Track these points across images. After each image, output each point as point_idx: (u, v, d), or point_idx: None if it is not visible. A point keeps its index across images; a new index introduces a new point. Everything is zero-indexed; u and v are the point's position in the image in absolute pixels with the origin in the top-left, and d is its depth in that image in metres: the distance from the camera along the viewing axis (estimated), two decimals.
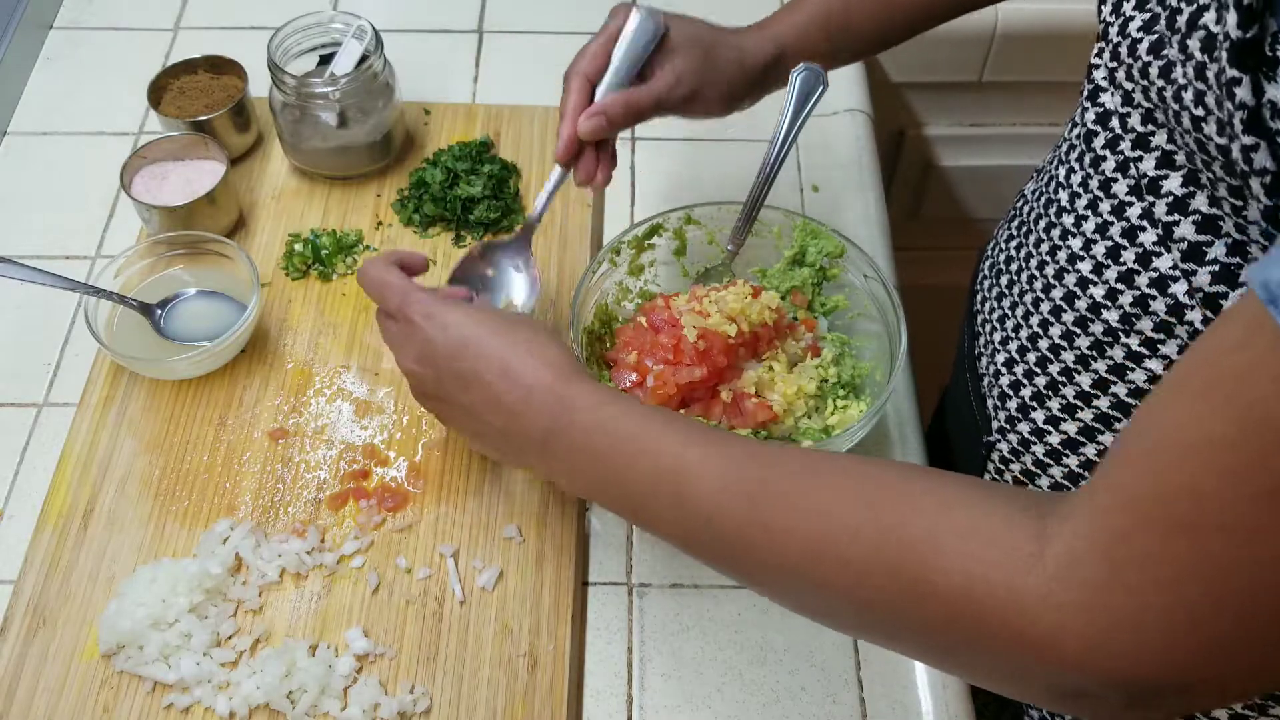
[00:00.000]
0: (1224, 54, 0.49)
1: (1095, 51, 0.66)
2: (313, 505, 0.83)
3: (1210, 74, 0.51)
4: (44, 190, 1.05)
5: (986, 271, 0.85)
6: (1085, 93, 0.68)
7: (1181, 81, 0.54)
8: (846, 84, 1.14)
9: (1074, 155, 0.70)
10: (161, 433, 0.87)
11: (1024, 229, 0.78)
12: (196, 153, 0.99)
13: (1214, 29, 0.51)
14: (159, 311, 0.90)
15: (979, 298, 0.86)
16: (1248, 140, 0.48)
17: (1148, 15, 0.58)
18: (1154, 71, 0.58)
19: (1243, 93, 0.48)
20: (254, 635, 0.77)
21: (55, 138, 1.10)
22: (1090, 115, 0.67)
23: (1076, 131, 0.70)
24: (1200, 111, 0.53)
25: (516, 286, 0.86)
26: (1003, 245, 0.83)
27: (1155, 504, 0.43)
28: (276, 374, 0.91)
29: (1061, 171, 0.72)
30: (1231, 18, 0.48)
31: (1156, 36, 0.57)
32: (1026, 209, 0.79)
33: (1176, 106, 0.56)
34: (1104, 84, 0.65)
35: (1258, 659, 0.43)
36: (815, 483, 0.55)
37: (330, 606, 0.79)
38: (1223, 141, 0.51)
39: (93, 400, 0.88)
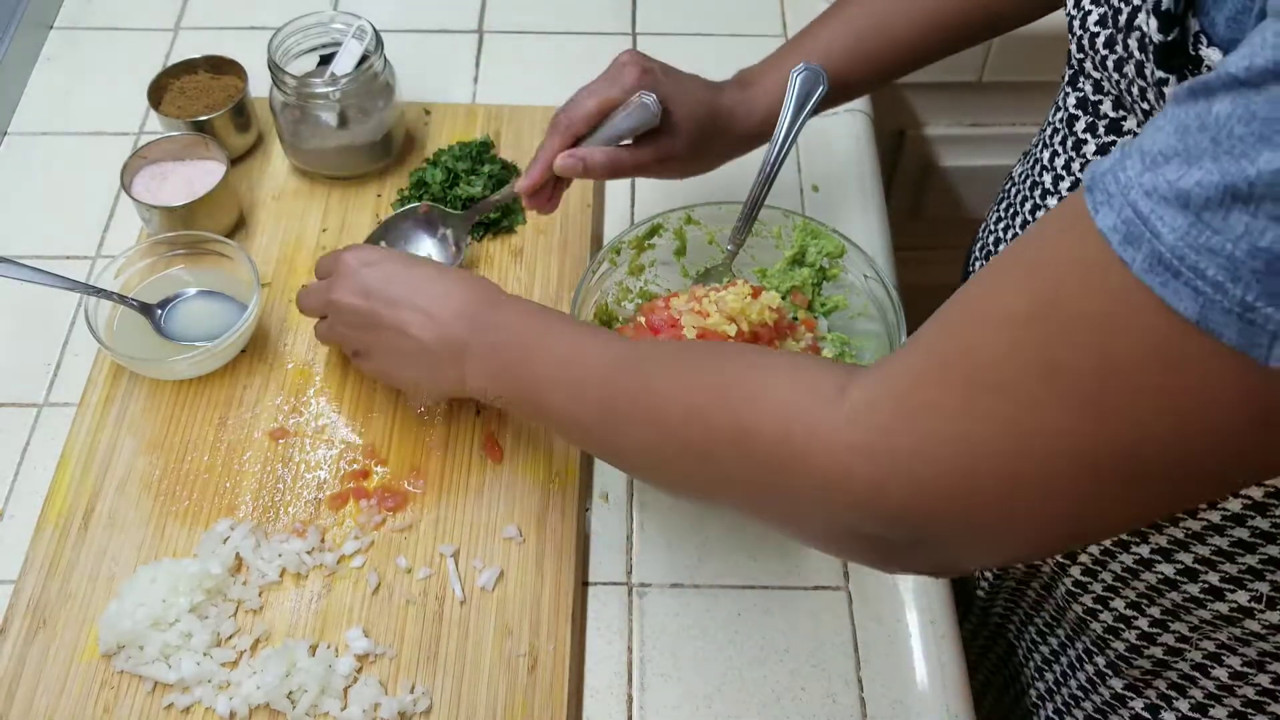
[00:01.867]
0: (1150, 56, 0.51)
1: (1073, 40, 0.67)
2: (313, 505, 0.83)
3: (1147, 72, 0.53)
4: (44, 190, 1.05)
5: (977, 253, 0.86)
6: (1066, 77, 0.69)
7: (1131, 76, 0.57)
8: None
9: (1057, 138, 0.71)
10: (162, 433, 0.87)
11: (1011, 210, 0.79)
12: (196, 153, 0.99)
13: (1145, 29, 0.52)
14: (159, 311, 0.90)
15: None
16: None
17: (1103, 9, 0.60)
18: (1110, 64, 0.60)
19: (1170, 92, 0.50)
20: (254, 635, 0.77)
21: (55, 138, 1.10)
22: (1071, 100, 0.68)
23: (1059, 115, 0.71)
24: (1146, 105, 0.55)
25: (437, 255, 0.97)
26: (991, 227, 0.84)
27: (946, 360, 0.47)
28: (277, 374, 0.91)
29: (1045, 154, 0.73)
30: (1153, 23, 0.50)
31: (1110, 32, 0.59)
32: (1014, 191, 0.80)
33: (1129, 98, 0.58)
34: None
35: (1018, 518, 0.47)
36: (679, 360, 0.61)
37: (330, 606, 0.79)
38: None
39: (93, 400, 0.88)
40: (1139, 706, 0.78)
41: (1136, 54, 0.53)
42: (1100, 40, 0.60)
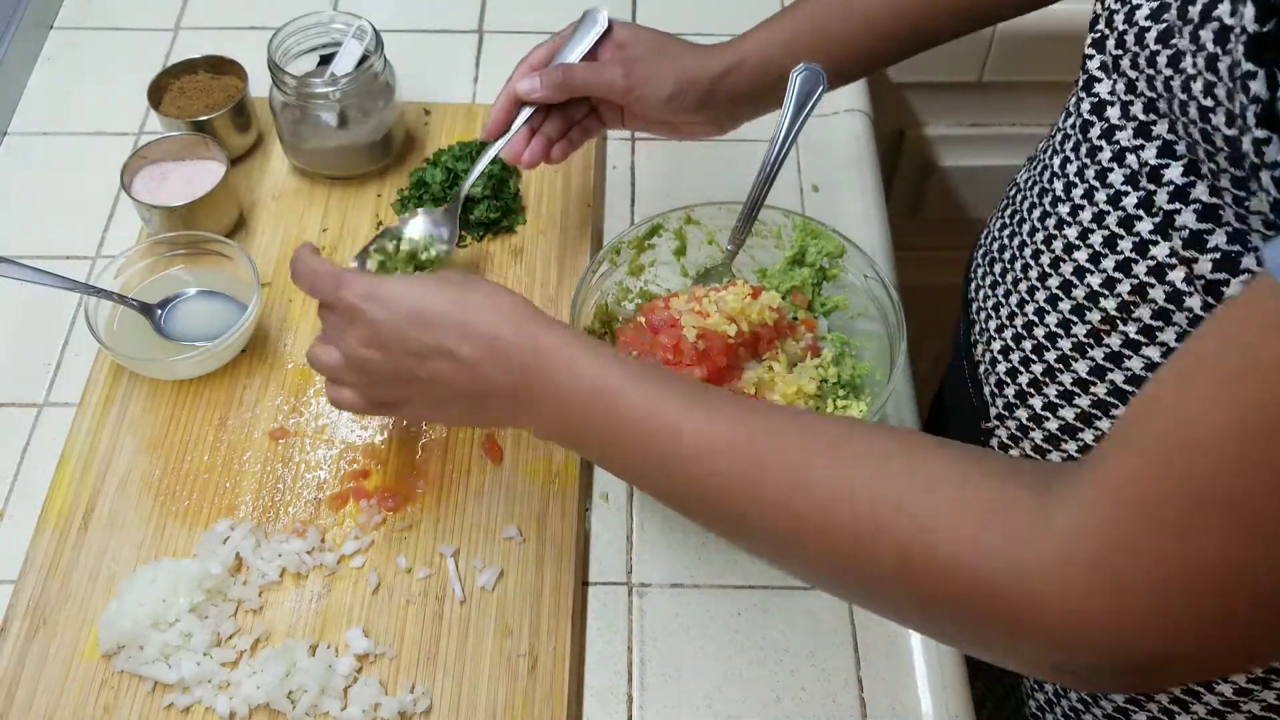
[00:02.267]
0: (1239, 47, 0.48)
1: (1090, 41, 0.66)
2: (313, 505, 0.83)
3: (1222, 66, 0.51)
4: (44, 190, 1.05)
5: (980, 259, 0.86)
6: (1080, 82, 0.68)
7: (1190, 71, 0.54)
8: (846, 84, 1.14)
9: (1069, 144, 0.70)
10: (162, 433, 0.87)
11: (1017, 217, 0.79)
12: (196, 153, 0.99)
13: (1229, 21, 0.50)
14: (159, 311, 0.90)
15: (973, 285, 0.86)
16: (1260, 134, 0.48)
17: (1155, 3, 0.58)
18: (1161, 60, 0.57)
19: (1257, 86, 0.47)
20: (254, 635, 0.77)
21: (55, 138, 1.10)
22: (1085, 105, 0.67)
23: (1071, 121, 0.70)
24: (1209, 102, 0.53)
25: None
26: (995, 233, 0.83)
27: (1157, 490, 0.43)
28: (277, 374, 0.91)
29: (1056, 161, 0.72)
30: (1249, 11, 0.47)
31: (1165, 25, 0.57)
32: (1019, 197, 0.79)
33: (1184, 96, 0.55)
34: (1099, 74, 0.65)
35: (1245, 640, 0.44)
36: (814, 451, 0.54)
37: (330, 606, 0.79)
38: (1232, 133, 0.51)
39: (93, 400, 0.88)
40: (1121, 700, 0.78)
41: (1210, 46, 0.50)
42: (1151, 35, 0.58)
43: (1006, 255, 0.79)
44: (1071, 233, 0.69)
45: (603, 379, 0.61)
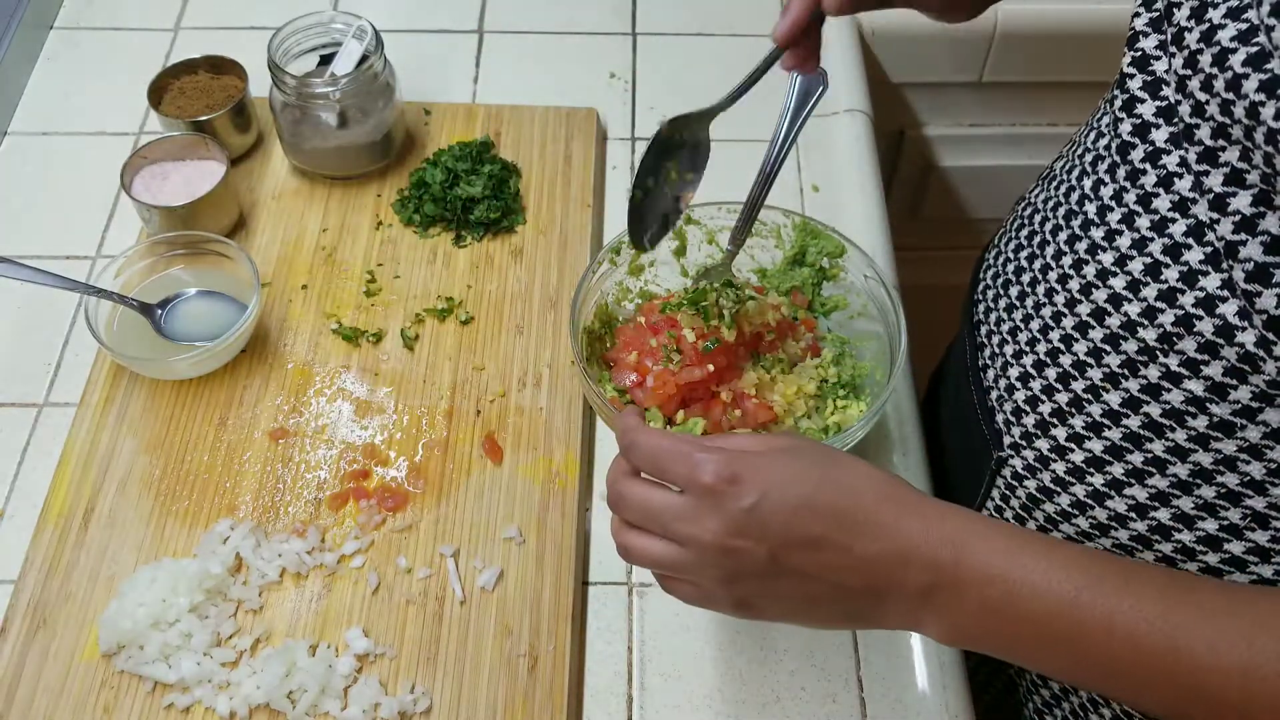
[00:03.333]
0: None
1: (1131, 60, 0.63)
2: (313, 505, 0.83)
3: None
4: (44, 190, 1.05)
5: (990, 281, 0.83)
6: (1119, 102, 0.65)
7: (1267, 119, 0.52)
8: (846, 84, 1.14)
9: (1102, 166, 0.67)
10: (162, 433, 0.87)
11: (1037, 239, 0.76)
12: (196, 153, 0.99)
13: None
14: (159, 311, 0.90)
15: (981, 308, 0.83)
16: None
17: (1244, 25, 0.54)
18: (1250, 85, 0.54)
19: None
20: (254, 635, 0.77)
21: (55, 138, 1.10)
22: (1125, 126, 0.64)
23: (1104, 142, 0.67)
24: None
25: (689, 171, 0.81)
26: (1010, 255, 0.80)
27: None
28: (277, 374, 0.91)
29: (1087, 183, 0.69)
30: None
31: (1257, 49, 0.53)
32: (1038, 219, 0.76)
33: (1274, 124, 0.52)
34: (1142, 94, 0.62)
35: None
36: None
37: (330, 606, 0.79)
38: None
39: (93, 400, 0.88)
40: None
41: None
42: (1237, 58, 0.54)
43: (1025, 279, 0.76)
44: (1107, 258, 0.66)
45: (1051, 591, 0.55)
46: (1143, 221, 0.63)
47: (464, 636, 0.78)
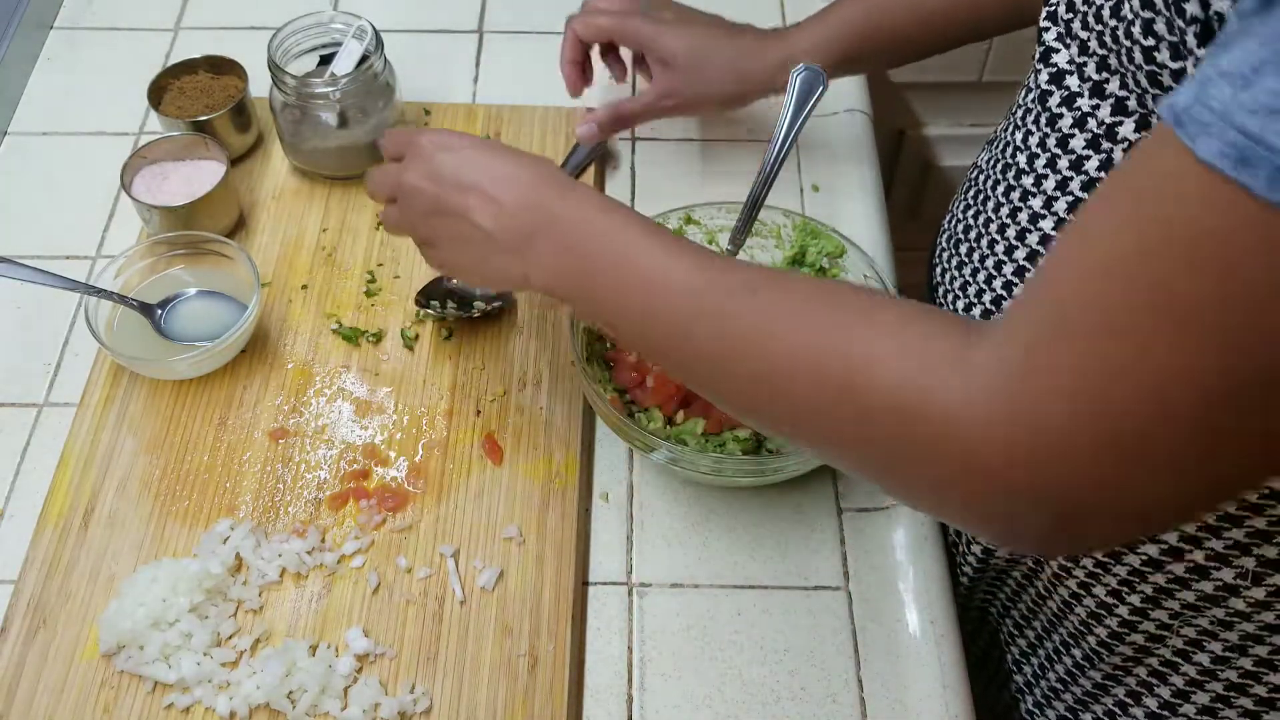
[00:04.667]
0: None
1: (1044, 15, 0.68)
2: (313, 505, 0.83)
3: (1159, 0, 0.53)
4: (44, 190, 1.05)
5: (944, 244, 0.87)
6: (1037, 55, 0.70)
7: (1130, 16, 0.57)
8: (846, 84, 1.14)
9: (1030, 118, 0.72)
10: (162, 433, 0.87)
11: (980, 196, 0.79)
12: (197, 153, 0.99)
13: None
14: (159, 311, 0.90)
15: (938, 270, 0.87)
16: (1201, 52, 0.50)
17: None
18: (1106, 12, 0.60)
19: (1192, 7, 0.50)
20: (254, 635, 0.77)
21: (55, 138, 1.10)
22: (1044, 76, 0.69)
23: (1030, 96, 0.72)
24: (1150, 41, 0.55)
25: None
26: (960, 215, 0.83)
27: (1068, 314, 0.45)
28: (277, 374, 0.91)
29: (1018, 136, 0.74)
30: None
31: None
32: (982, 178, 0.80)
33: (1128, 43, 0.58)
34: (1055, 44, 0.67)
35: (1159, 470, 0.45)
36: (777, 304, 0.57)
37: (330, 606, 0.79)
38: (1178, 66, 0.53)
39: (93, 400, 0.88)
40: (1121, 693, 0.78)
41: None
42: None
43: (972, 234, 0.80)
44: (1036, 203, 0.70)
45: (613, 234, 0.65)
46: (1063, 163, 0.68)
47: (464, 636, 0.78)
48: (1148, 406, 0.43)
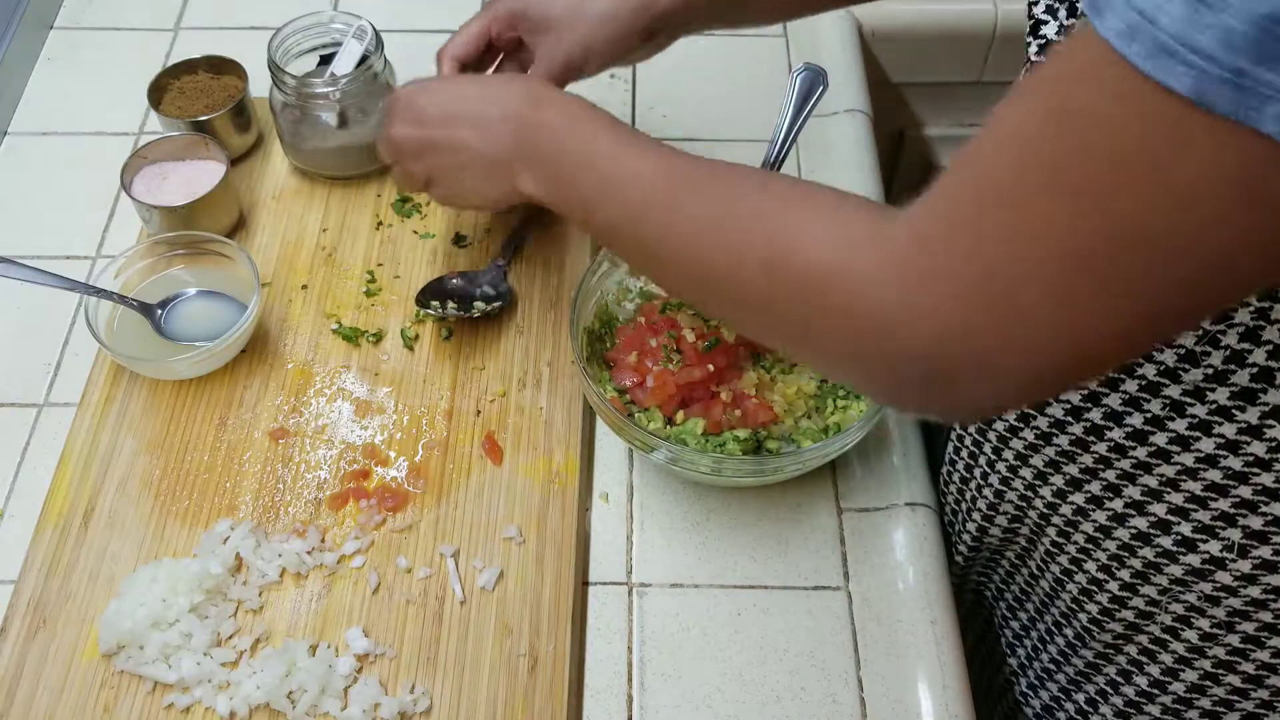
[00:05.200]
0: None
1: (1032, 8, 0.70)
2: (313, 505, 0.83)
3: None
4: (44, 190, 1.05)
5: None
6: (1028, 29, 0.71)
7: None
8: (846, 84, 1.14)
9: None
10: (162, 433, 0.87)
11: None
12: (196, 153, 0.99)
13: None
14: (159, 311, 0.90)
15: None
16: None
17: None
18: None
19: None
20: (254, 635, 0.77)
21: (55, 138, 1.10)
22: (1033, 49, 0.70)
23: (1025, 71, 0.73)
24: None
25: None
26: None
27: (965, 187, 0.48)
28: (277, 374, 0.91)
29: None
30: None
31: None
32: None
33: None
34: (1044, 16, 0.68)
35: (1040, 330, 0.47)
36: (716, 185, 0.62)
37: (330, 606, 0.79)
38: None
39: (93, 400, 0.88)
40: (1113, 672, 0.80)
41: None
42: None
43: None
44: None
45: (583, 136, 0.71)
46: None
47: (464, 636, 0.78)
48: (1028, 270, 0.46)
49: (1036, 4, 0.69)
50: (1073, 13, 0.65)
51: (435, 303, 0.93)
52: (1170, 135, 0.41)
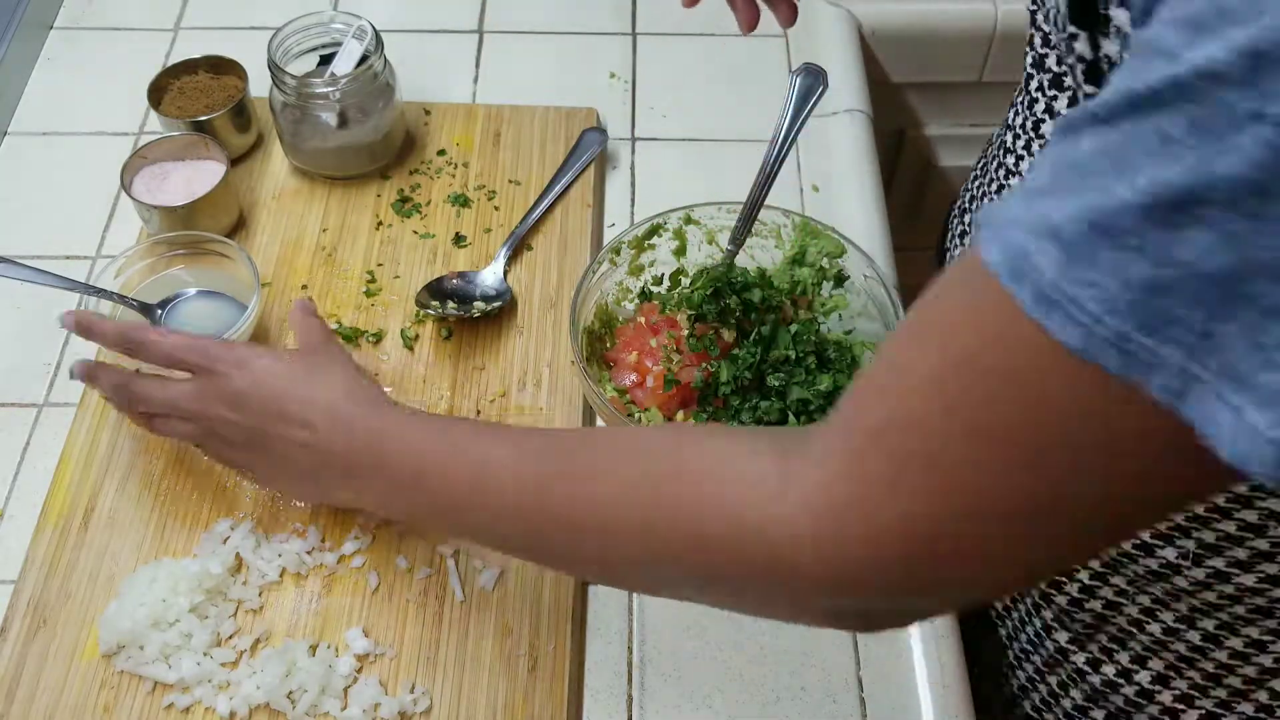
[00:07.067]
0: (1063, 7, 0.52)
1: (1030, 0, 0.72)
2: (313, 505, 0.83)
3: (1060, 22, 0.54)
4: (44, 190, 1.05)
5: (956, 213, 0.90)
6: (1027, 38, 0.73)
7: (1057, 25, 0.58)
8: (846, 84, 1.14)
9: (1020, 99, 0.76)
10: None
11: (986, 173, 0.84)
12: (197, 153, 0.99)
13: None
14: (159, 312, 0.90)
15: (949, 237, 0.90)
16: (1089, 89, 0.53)
17: None
18: (1044, 13, 0.65)
19: (1080, 47, 0.52)
20: (254, 635, 0.77)
21: (55, 138, 1.10)
22: (1029, 59, 0.71)
23: (1019, 91, 0.77)
24: (1070, 60, 0.57)
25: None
26: (970, 187, 0.88)
27: (875, 434, 0.46)
28: None
29: (1011, 114, 0.78)
30: None
31: None
32: (990, 151, 0.85)
33: (1061, 51, 0.62)
34: (1035, 31, 0.72)
35: (970, 575, 0.47)
36: (594, 463, 0.59)
37: (330, 606, 0.79)
38: (1089, 90, 0.54)
39: (93, 400, 0.88)
40: (1081, 661, 0.81)
41: (1062, 5, 0.54)
42: None
43: (974, 206, 0.84)
44: (1014, 182, 0.75)
45: (433, 436, 0.66)
46: (1036, 146, 0.73)
47: (464, 636, 0.78)
48: (955, 526, 0.45)
49: (1036, 12, 0.70)
50: (1046, 41, 0.67)
51: (435, 303, 0.93)
52: (1070, 391, 0.39)
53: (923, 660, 0.79)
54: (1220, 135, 0.34)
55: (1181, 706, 0.76)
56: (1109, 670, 0.79)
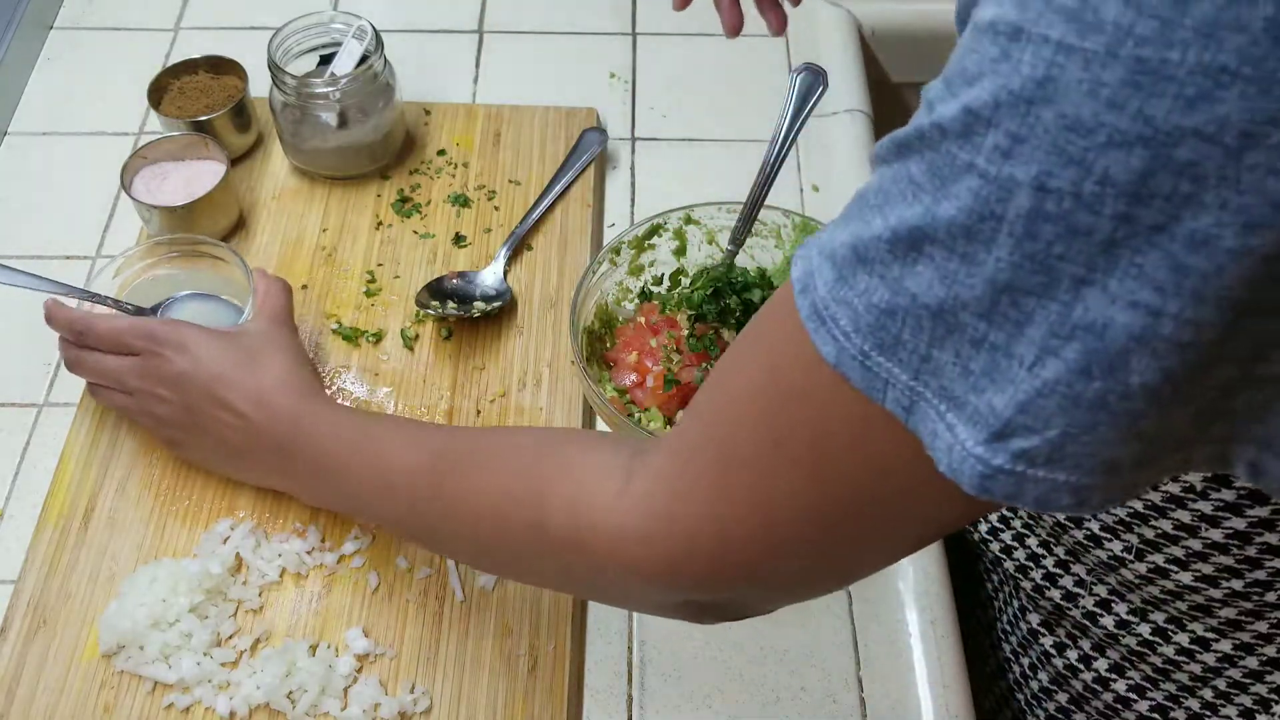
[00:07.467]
0: None
1: None
2: (314, 506, 0.83)
3: None
4: (44, 190, 1.05)
5: None
6: None
7: None
8: (846, 84, 1.14)
9: None
10: None
11: None
12: (196, 153, 0.99)
13: None
14: (156, 314, 0.90)
15: None
16: None
17: None
18: None
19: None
20: (254, 635, 0.77)
21: (55, 138, 1.10)
22: None
23: None
24: None
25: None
26: None
27: (701, 441, 0.51)
28: None
29: None
30: None
31: None
32: None
33: None
34: None
35: (783, 576, 0.53)
36: (479, 461, 0.64)
37: (330, 606, 0.79)
38: None
39: (93, 400, 0.88)
40: (1048, 644, 0.82)
41: None
42: None
43: None
44: None
45: (352, 430, 0.72)
46: None
47: (464, 636, 0.78)
48: (765, 531, 0.49)
49: None
50: None
51: (435, 303, 0.93)
52: (837, 405, 0.43)
53: (923, 660, 0.79)
54: (945, 182, 0.38)
55: (1134, 696, 0.78)
56: (1072, 655, 0.80)
